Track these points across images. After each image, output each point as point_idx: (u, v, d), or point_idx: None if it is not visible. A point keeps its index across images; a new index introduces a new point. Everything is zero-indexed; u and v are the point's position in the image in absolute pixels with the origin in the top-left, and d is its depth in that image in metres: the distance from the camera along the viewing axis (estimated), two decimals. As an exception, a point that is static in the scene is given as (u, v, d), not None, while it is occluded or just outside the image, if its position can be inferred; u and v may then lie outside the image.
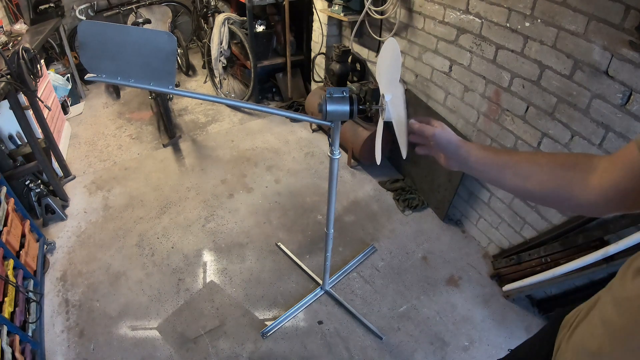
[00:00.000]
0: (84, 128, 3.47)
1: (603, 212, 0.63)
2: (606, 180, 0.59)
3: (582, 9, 1.45)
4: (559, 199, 0.66)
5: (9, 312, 1.54)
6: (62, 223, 2.44)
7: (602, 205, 0.61)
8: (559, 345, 0.74)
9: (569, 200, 0.65)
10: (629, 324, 0.54)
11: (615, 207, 0.61)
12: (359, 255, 2.22)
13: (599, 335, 0.59)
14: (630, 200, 0.58)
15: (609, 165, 0.60)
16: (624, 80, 1.38)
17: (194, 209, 2.55)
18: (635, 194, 0.56)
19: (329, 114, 1.16)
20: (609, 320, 0.58)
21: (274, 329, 1.86)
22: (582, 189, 0.62)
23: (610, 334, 0.57)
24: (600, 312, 0.62)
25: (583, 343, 0.65)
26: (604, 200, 0.60)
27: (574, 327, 0.70)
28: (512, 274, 1.99)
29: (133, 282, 2.08)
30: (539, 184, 0.68)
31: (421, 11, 2.26)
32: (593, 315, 0.65)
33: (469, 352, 1.80)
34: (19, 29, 2.95)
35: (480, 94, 2.04)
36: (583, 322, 0.68)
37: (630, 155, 0.55)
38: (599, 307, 0.64)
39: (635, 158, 0.54)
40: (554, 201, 0.68)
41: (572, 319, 0.73)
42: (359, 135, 2.70)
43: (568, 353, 0.68)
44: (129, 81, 1.07)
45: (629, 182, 0.56)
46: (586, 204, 0.63)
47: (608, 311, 0.59)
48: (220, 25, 3.46)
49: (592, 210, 0.64)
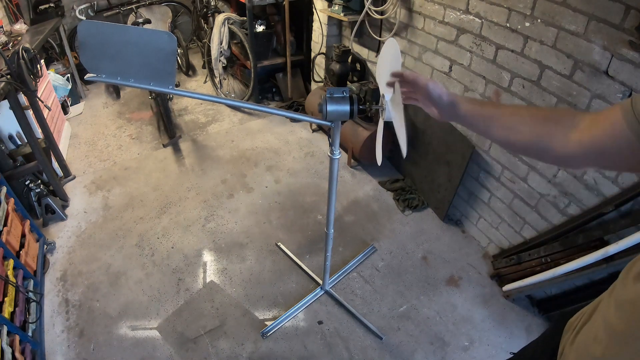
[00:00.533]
0: (84, 128, 3.47)
1: (579, 165, 0.67)
2: (586, 136, 0.62)
3: (582, 9, 1.45)
4: (539, 150, 0.70)
5: (9, 312, 1.54)
6: (62, 223, 2.44)
7: (579, 159, 0.65)
8: (563, 348, 0.73)
9: (548, 151, 0.68)
10: (632, 327, 0.54)
11: (591, 162, 0.64)
12: (359, 255, 2.22)
13: (602, 340, 0.59)
14: (605, 159, 0.62)
15: (591, 123, 0.62)
16: (624, 80, 1.38)
17: (194, 209, 2.55)
18: (611, 153, 0.59)
19: (329, 114, 1.16)
20: (611, 324, 0.58)
21: (274, 329, 1.86)
22: (562, 143, 0.65)
23: (614, 338, 0.57)
24: (602, 315, 0.63)
25: (586, 347, 0.64)
26: (581, 154, 0.63)
27: (577, 331, 0.70)
28: (512, 274, 1.99)
29: (133, 282, 2.08)
30: (521, 135, 0.71)
31: (421, 11, 2.26)
32: (595, 318, 0.65)
33: (469, 352, 1.80)
34: (19, 29, 2.95)
35: (480, 94, 2.04)
36: (586, 325, 0.68)
37: (613, 117, 0.58)
38: (601, 311, 0.64)
39: (617, 120, 0.57)
40: (535, 152, 0.72)
41: (575, 323, 0.73)
42: (359, 135, 2.70)
43: (572, 356, 0.68)
44: (128, 81, 1.07)
45: (607, 141, 0.59)
46: (564, 156, 0.66)
47: (610, 315, 0.59)
48: (220, 25, 3.46)
49: (569, 162, 0.67)
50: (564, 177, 1.71)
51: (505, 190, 2.04)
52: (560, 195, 1.75)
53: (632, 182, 1.44)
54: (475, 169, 2.19)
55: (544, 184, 1.81)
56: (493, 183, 2.11)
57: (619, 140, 0.57)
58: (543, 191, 1.83)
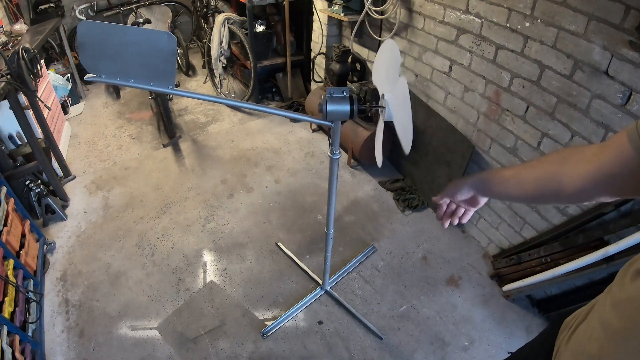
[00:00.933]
0: (84, 128, 3.47)
1: (592, 197, 0.67)
2: (594, 165, 0.62)
3: (582, 9, 1.45)
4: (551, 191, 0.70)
5: (9, 312, 1.54)
6: (62, 223, 2.44)
7: (591, 190, 0.64)
8: (558, 347, 0.74)
9: (560, 190, 0.68)
10: (628, 325, 0.54)
11: (602, 192, 0.64)
12: (359, 255, 2.22)
13: (598, 338, 0.59)
14: (616, 186, 0.61)
15: (599, 151, 0.63)
16: (624, 80, 1.38)
17: (194, 209, 2.55)
18: (621, 180, 0.59)
19: (329, 114, 1.16)
20: (607, 322, 0.58)
21: (274, 329, 1.86)
22: (572, 178, 0.66)
23: (609, 336, 0.57)
24: (598, 314, 0.63)
25: (582, 345, 0.65)
26: (592, 185, 0.63)
27: (573, 330, 0.70)
28: (512, 274, 1.99)
29: (133, 282, 2.08)
30: (533, 182, 0.72)
31: (421, 11, 2.26)
32: (592, 317, 0.65)
33: (469, 352, 1.80)
34: (19, 29, 2.95)
35: (480, 94, 2.04)
36: (582, 325, 0.68)
37: (620, 143, 0.58)
38: (597, 310, 0.64)
39: (624, 145, 0.57)
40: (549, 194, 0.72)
41: (571, 322, 0.73)
42: (359, 135, 2.70)
43: (567, 355, 0.68)
44: (128, 81, 1.07)
45: (615, 168, 0.59)
46: (576, 191, 0.66)
47: (607, 313, 0.59)
48: (220, 25, 3.46)
49: (582, 197, 0.67)
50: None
51: (505, 190, 2.04)
52: (560, 195, 1.75)
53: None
54: (476, 169, 2.19)
55: (544, 184, 1.81)
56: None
57: (628, 165, 0.57)
58: (543, 191, 1.82)
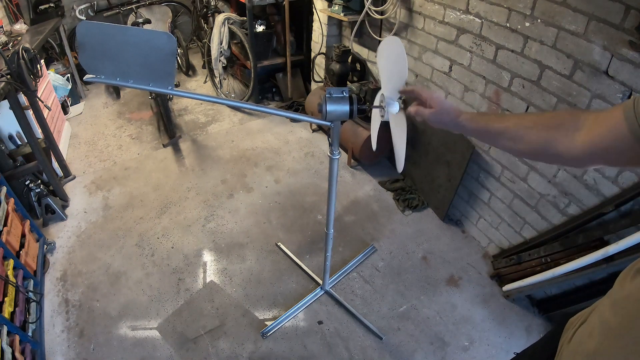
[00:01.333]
0: (84, 128, 3.47)
1: (587, 164, 0.70)
2: (590, 138, 0.64)
3: (582, 9, 1.45)
4: (547, 156, 0.73)
5: (9, 312, 1.54)
6: (62, 223, 2.44)
7: (586, 159, 0.67)
8: (561, 346, 0.75)
9: (555, 155, 0.71)
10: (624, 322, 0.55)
11: (597, 161, 0.66)
12: (359, 255, 2.22)
13: (596, 335, 0.60)
14: (611, 157, 0.64)
15: (594, 124, 0.64)
16: (624, 80, 1.38)
17: (194, 209, 2.55)
18: (616, 152, 0.61)
19: (329, 114, 1.16)
20: (606, 320, 0.60)
21: (274, 329, 1.86)
22: (567, 146, 0.68)
23: (606, 333, 0.58)
24: (599, 313, 0.64)
25: (581, 343, 0.66)
26: (588, 155, 0.65)
27: (575, 330, 0.71)
28: (512, 274, 1.99)
29: (133, 282, 2.08)
30: (528, 144, 0.74)
31: (421, 11, 2.26)
32: (592, 316, 0.66)
33: (469, 352, 1.80)
34: (19, 29, 2.95)
35: (480, 93, 2.04)
36: (583, 324, 0.69)
37: (615, 117, 0.59)
38: (598, 309, 0.65)
39: (619, 120, 0.58)
40: (543, 157, 0.75)
41: (575, 322, 0.74)
42: (359, 135, 2.70)
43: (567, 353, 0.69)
44: (128, 82, 1.07)
45: (611, 141, 0.61)
46: (571, 158, 0.68)
47: (606, 312, 0.60)
48: (220, 25, 3.46)
49: (577, 163, 0.70)
50: (564, 177, 1.71)
51: (505, 190, 2.04)
52: (560, 195, 1.75)
53: (632, 182, 1.45)
54: (475, 169, 2.19)
55: (544, 184, 1.81)
56: (493, 183, 2.11)
57: (622, 141, 0.59)
58: (543, 191, 1.83)
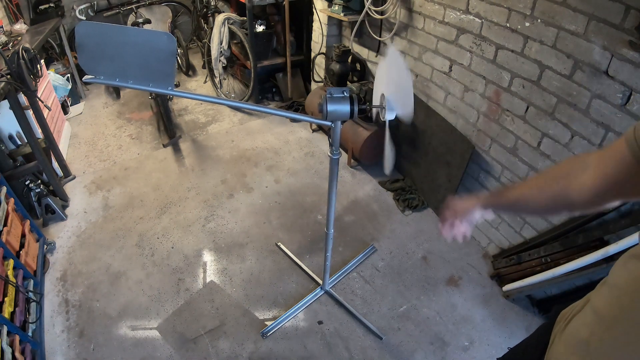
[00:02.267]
0: (84, 128, 3.47)
1: (603, 203, 0.67)
2: (598, 176, 0.63)
3: (582, 9, 1.45)
4: (563, 206, 0.72)
5: (9, 312, 1.54)
6: (62, 223, 2.44)
7: (600, 197, 0.64)
8: (554, 338, 0.75)
9: (570, 205, 0.70)
10: (616, 309, 0.56)
11: (612, 196, 0.64)
12: (359, 255, 2.22)
13: (589, 324, 0.61)
14: (624, 191, 0.61)
15: (600, 161, 0.63)
16: (624, 80, 1.38)
17: (194, 209, 2.55)
18: (628, 185, 0.59)
19: (329, 114, 1.16)
20: (599, 309, 0.61)
21: (274, 329, 1.86)
22: (579, 191, 0.66)
23: (599, 321, 0.59)
24: (593, 302, 0.65)
25: (575, 332, 0.67)
26: (601, 192, 0.63)
27: (568, 321, 0.72)
28: (512, 274, 1.99)
29: (133, 282, 2.08)
30: (543, 202, 0.74)
31: (421, 11, 2.26)
32: (587, 307, 0.67)
33: (469, 352, 1.80)
34: (19, 29, 2.95)
35: (480, 93, 2.04)
36: (578, 314, 0.70)
37: (620, 150, 0.58)
38: (593, 299, 0.66)
39: (624, 153, 0.57)
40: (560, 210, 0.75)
41: (568, 314, 0.75)
42: (359, 135, 2.70)
43: (561, 344, 0.70)
44: (127, 82, 1.07)
45: (619, 175, 0.59)
46: (585, 203, 0.66)
47: (600, 300, 0.61)
48: (220, 25, 3.46)
49: (593, 206, 0.67)
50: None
51: (505, 190, 2.03)
52: (560, 196, 1.75)
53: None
54: (476, 169, 2.19)
55: (544, 184, 1.80)
56: (493, 183, 2.11)
57: (629, 171, 0.57)
58: (543, 191, 1.82)
